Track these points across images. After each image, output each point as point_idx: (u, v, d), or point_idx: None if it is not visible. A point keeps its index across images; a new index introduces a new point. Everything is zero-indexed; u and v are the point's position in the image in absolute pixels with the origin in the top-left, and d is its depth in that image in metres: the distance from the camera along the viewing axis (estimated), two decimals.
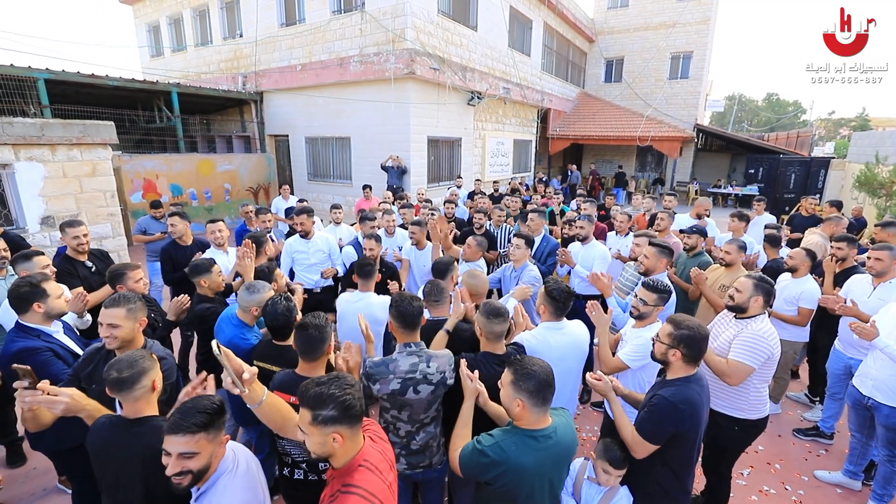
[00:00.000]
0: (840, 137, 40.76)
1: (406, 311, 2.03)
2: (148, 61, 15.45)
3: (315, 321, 1.88)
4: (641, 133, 15.70)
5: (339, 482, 1.35)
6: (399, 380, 1.95)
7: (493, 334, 2.12)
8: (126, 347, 2.04)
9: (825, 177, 13.98)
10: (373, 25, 9.15)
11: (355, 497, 1.28)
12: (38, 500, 2.94)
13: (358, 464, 1.36)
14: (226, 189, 10.82)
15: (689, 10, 17.66)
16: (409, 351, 2.04)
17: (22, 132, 5.73)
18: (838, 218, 5.08)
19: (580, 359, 2.43)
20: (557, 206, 7.15)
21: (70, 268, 3.35)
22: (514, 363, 1.66)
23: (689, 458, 1.95)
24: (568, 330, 2.41)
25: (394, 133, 9.70)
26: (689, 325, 1.89)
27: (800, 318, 3.51)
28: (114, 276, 2.79)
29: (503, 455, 1.57)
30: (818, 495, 3.12)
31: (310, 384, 1.34)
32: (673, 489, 1.97)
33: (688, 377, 1.91)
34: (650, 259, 3.23)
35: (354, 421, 1.35)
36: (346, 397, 1.32)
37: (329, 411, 1.29)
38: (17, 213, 5.99)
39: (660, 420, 1.84)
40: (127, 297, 2.11)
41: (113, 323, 2.01)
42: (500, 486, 1.58)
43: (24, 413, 1.77)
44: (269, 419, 1.56)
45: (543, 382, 1.59)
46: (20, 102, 8.14)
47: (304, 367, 1.91)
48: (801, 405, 4.22)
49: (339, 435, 1.31)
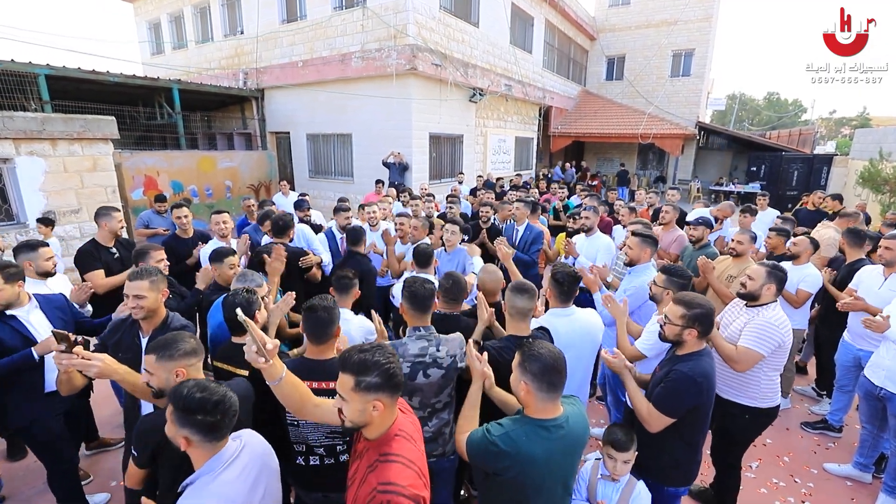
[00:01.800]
0: (841, 137, 40.69)
1: (419, 293, 2.01)
2: (149, 58, 15.41)
3: (323, 303, 1.86)
4: (643, 131, 15.67)
5: (375, 452, 1.34)
6: (408, 364, 1.93)
7: (516, 309, 2.10)
8: (151, 318, 2.16)
9: (828, 174, 13.95)
10: (374, 21, 9.11)
11: (397, 465, 1.29)
12: (37, 495, 2.91)
13: (394, 433, 1.37)
14: (227, 186, 10.76)
15: (691, 7, 17.61)
16: (419, 335, 2.01)
17: (23, 126, 5.70)
18: (856, 214, 5.03)
19: (591, 347, 2.39)
20: (560, 202, 7.12)
21: (95, 252, 3.46)
22: (524, 345, 1.62)
23: (703, 429, 2.00)
24: (577, 317, 2.37)
25: (395, 129, 9.65)
26: (699, 303, 1.95)
27: (796, 299, 3.52)
28: (138, 254, 2.92)
29: (513, 445, 1.52)
30: (828, 488, 3.09)
31: (353, 350, 1.34)
32: (685, 461, 2.02)
33: (700, 351, 1.97)
34: (634, 249, 3.18)
35: (395, 390, 1.35)
36: (389, 365, 1.32)
37: (373, 378, 1.29)
38: (18, 208, 5.96)
39: (679, 394, 1.88)
40: (149, 270, 2.20)
41: (138, 294, 2.09)
42: (510, 477, 1.54)
43: (60, 376, 1.97)
44: (288, 398, 1.53)
45: (549, 366, 1.53)
46: (20, 98, 8.10)
47: (314, 351, 1.88)
48: (809, 399, 4.19)
49: (380, 402, 1.31)
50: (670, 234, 4.54)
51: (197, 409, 1.33)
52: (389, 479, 1.25)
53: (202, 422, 1.33)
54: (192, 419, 1.33)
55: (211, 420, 1.34)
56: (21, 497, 2.93)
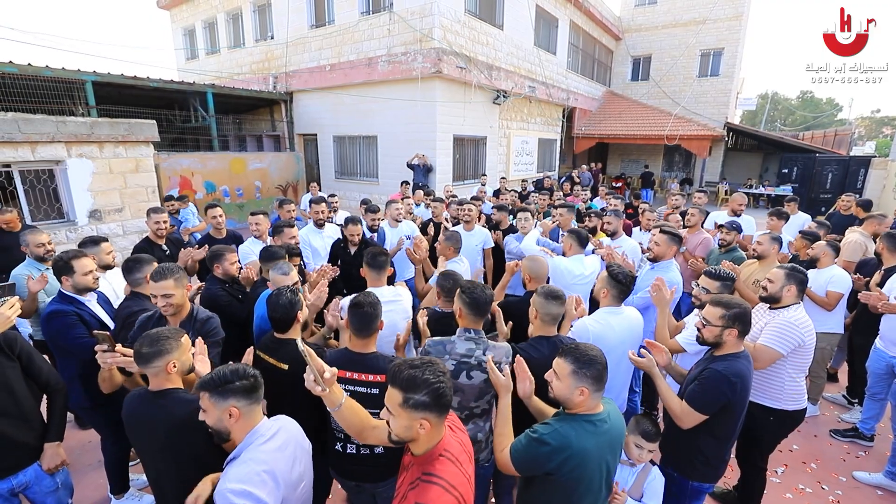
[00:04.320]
0: (882, 137, 38.92)
1: (479, 299, 2.04)
2: (183, 63, 16.04)
3: (368, 299, 1.97)
4: (669, 132, 15.39)
5: (419, 469, 1.34)
6: (454, 361, 1.98)
7: (550, 316, 2.16)
8: (179, 314, 2.30)
9: (865, 176, 13.42)
10: (401, 25, 9.29)
11: (438, 488, 1.27)
12: (92, 472, 3.14)
13: (439, 453, 1.34)
14: (256, 186, 11.14)
15: (720, 6, 17.21)
16: (468, 336, 2.04)
17: (74, 130, 6.08)
18: (882, 216, 4.90)
19: (635, 343, 2.45)
20: (583, 203, 7.13)
21: (148, 249, 3.70)
22: (571, 352, 1.62)
23: (734, 428, 2.03)
24: (626, 314, 2.45)
25: (420, 132, 9.81)
26: (737, 303, 1.98)
27: (827, 301, 3.49)
28: (213, 255, 3.05)
29: (565, 441, 1.52)
30: (857, 496, 3.05)
31: (403, 366, 1.33)
32: (714, 458, 2.05)
33: (737, 353, 1.99)
34: (661, 245, 3.23)
35: (443, 410, 1.33)
36: (439, 385, 1.30)
37: (422, 396, 1.28)
38: (69, 207, 6.35)
39: (713, 392, 1.91)
40: (171, 269, 2.29)
41: (166, 293, 2.23)
42: (565, 474, 1.53)
43: (103, 373, 2.03)
44: (349, 423, 1.52)
45: (604, 367, 1.59)
46: (69, 103, 8.61)
47: (358, 344, 1.97)
48: (839, 406, 4.11)
49: (427, 422, 1.30)
50: (696, 236, 4.52)
51: (232, 377, 1.47)
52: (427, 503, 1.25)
53: (241, 386, 1.47)
54: (232, 387, 1.46)
55: (248, 383, 1.49)
56: (80, 468, 3.16)
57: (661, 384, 2.09)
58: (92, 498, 2.94)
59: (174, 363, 1.74)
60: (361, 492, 2.07)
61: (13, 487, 2.02)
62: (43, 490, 2.10)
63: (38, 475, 2.07)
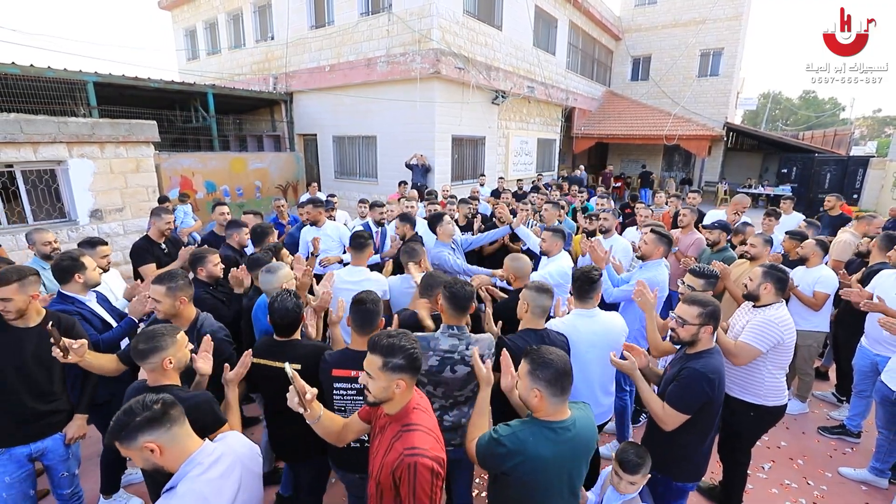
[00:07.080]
0: (885, 136, 38.85)
1: (459, 294, 2.09)
2: (184, 64, 16.12)
3: (369, 297, 2.03)
4: (668, 132, 15.42)
5: (398, 424, 1.54)
6: (438, 357, 2.04)
7: (541, 308, 2.24)
8: (174, 320, 2.27)
9: (864, 176, 13.45)
10: (399, 26, 9.35)
11: (419, 432, 1.50)
12: (94, 467, 3.20)
13: (413, 407, 1.58)
14: (257, 186, 11.21)
15: (720, 6, 17.22)
16: (451, 333, 2.10)
17: (75, 131, 6.15)
18: (872, 217, 4.95)
19: (614, 346, 2.37)
20: (580, 203, 7.17)
21: (148, 247, 3.80)
22: (531, 353, 1.64)
23: (713, 422, 2.09)
24: (600, 319, 2.41)
25: (419, 132, 9.87)
26: (710, 301, 2.06)
27: (814, 301, 3.55)
28: (195, 259, 3.04)
29: (520, 445, 1.55)
30: (842, 492, 3.10)
31: (382, 336, 1.55)
32: (695, 454, 2.10)
33: (710, 349, 2.06)
34: (648, 245, 3.26)
35: (415, 372, 1.56)
36: (413, 350, 1.53)
37: (398, 360, 1.50)
38: (70, 207, 6.43)
39: (694, 391, 1.97)
40: (171, 276, 2.30)
41: (155, 298, 2.26)
42: (519, 477, 1.57)
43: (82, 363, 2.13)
44: (327, 431, 1.73)
45: (560, 371, 1.56)
46: (70, 104, 8.69)
47: (359, 342, 2.01)
48: (828, 404, 4.16)
49: (402, 381, 1.51)
50: (689, 236, 4.57)
51: (131, 415, 1.32)
52: (414, 444, 1.45)
53: (146, 418, 1.31)
54: (136, 424, 1.30)
55: (153, 412, 1.33)
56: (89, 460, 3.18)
57: (643, 387, 2.12)
58: (93, 490, 3.00)
59: (170, 359, 1.78)
60: (365, 483, 2.09)
61: (31, 453, 2.24)
62: (57, 457, 2.32)
63: (55, 443, 2.30)
